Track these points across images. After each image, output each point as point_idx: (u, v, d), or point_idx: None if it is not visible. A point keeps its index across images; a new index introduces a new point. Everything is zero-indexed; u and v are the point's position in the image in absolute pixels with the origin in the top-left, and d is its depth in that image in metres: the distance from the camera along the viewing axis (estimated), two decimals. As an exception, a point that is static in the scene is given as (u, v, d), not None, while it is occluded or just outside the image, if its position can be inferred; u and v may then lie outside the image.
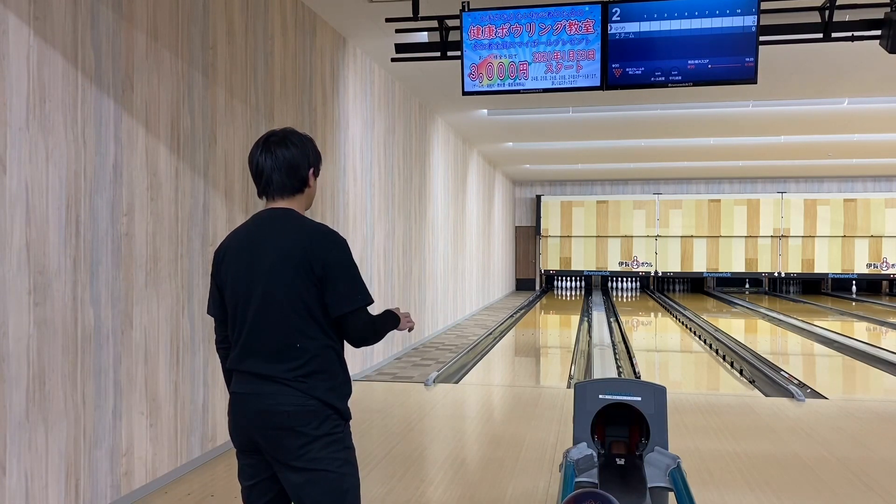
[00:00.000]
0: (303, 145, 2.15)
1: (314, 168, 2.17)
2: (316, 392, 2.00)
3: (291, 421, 1.98)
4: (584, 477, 2.81)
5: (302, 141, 2.15)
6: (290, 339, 2.01)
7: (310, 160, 2.16)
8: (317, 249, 2.01)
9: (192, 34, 4.26)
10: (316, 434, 1.99)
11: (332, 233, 2.09)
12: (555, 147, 14.03)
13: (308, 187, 2.17)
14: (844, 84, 8.86)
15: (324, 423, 2.01)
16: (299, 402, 1.99)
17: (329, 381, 2.03)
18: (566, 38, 5.11)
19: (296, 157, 2.12)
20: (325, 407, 2.01)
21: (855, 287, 19.83)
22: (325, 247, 2.02)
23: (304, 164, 2.14)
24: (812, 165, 16.94)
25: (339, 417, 2.05)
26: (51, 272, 3.18)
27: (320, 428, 2.00)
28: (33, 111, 3.09)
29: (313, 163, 2.17)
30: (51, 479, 3.19)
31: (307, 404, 1.99)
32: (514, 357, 9.55)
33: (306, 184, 2.15)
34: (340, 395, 2.07)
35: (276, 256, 2.02)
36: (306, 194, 2.17)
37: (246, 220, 2.22)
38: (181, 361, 4.16)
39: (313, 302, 2.00)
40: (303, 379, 2.00)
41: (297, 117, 5.72)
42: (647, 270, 19.84)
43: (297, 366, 2.00)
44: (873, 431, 5.26)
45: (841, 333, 11.05)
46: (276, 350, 2.02)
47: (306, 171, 2.14)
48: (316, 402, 2.00)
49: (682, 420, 5.37)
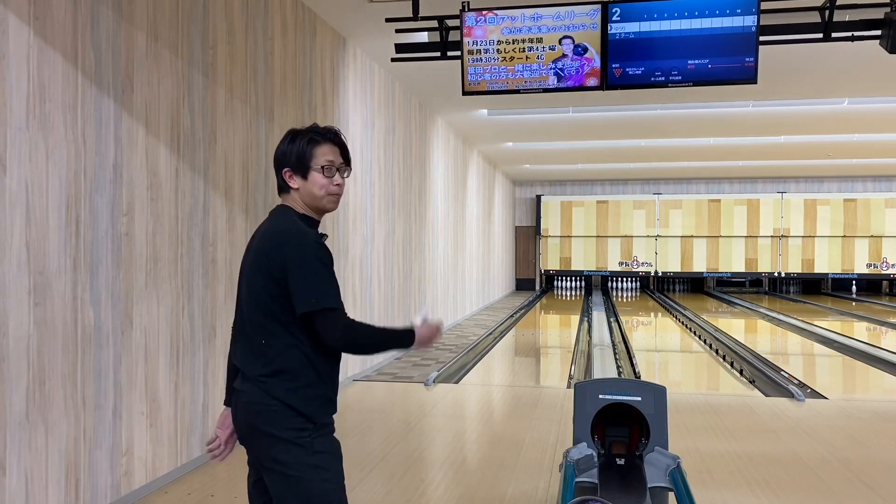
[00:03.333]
0: (282, 144, 2.11)
1: (291, 169, 2.08)
2: (275, 392, 1.97)
3: (257, 420, 1.99)
4: (584, 477, 2.81)
5: (283, 141, 2.11)
6: (257, 337, 2.02)
7: (284, 160, 2.09)
8: (273, 250, 1.98)
9: (192, 34, 4.26)
10: (279, 436, 1.96)
11: (290, 233, 2.00)
12: (555, 147, 14.03)
13: (292, 188, 2.09)
14: (844, 84, 8.86)
15: (287, 426, 1.96)
16: (263, 401, 1.98)
17: (290, 383, 1.97)
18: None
19: (276, 157, 2.12)
20: (286, 408, 1.96)
21: (855, 287, 19.83)
22: (279, 246, 1.98)
23: (280, 164, 2.10)
24: (812, 165, 16.94)
25: (305, 421, 1.97)
26: (51, 272, 3.18)
27: (284, 431, 1.96)
28: (33, 111, 3.09)
29: (289, 163, 2.08)
30: (51, 479, 3.19)
31: (269, 404, 1.97)
32: (514, 357, 9.55)
33: (284, 183, 2.10)
34: (304, 398, 1.98)
35: (252, 255, 2.07)
36: (298, 192, 2.09)
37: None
38: (181, 361, 4.16)
39: (275, 300, 1.98)
40: (264, 378, 1.99)
41: (297, 117, 5.72)
42: (647, 270, 19.84)
43: (262, 364, 2.00)
44: (873, 431, 5.26)
45: (841, 333, 11.05)
46: (249, 348, 2.05)
47: (280, 172, 2.09)
48: (277, 402, 1.96)
49: (682, 420, 5.37)
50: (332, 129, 2.13)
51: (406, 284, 8.92)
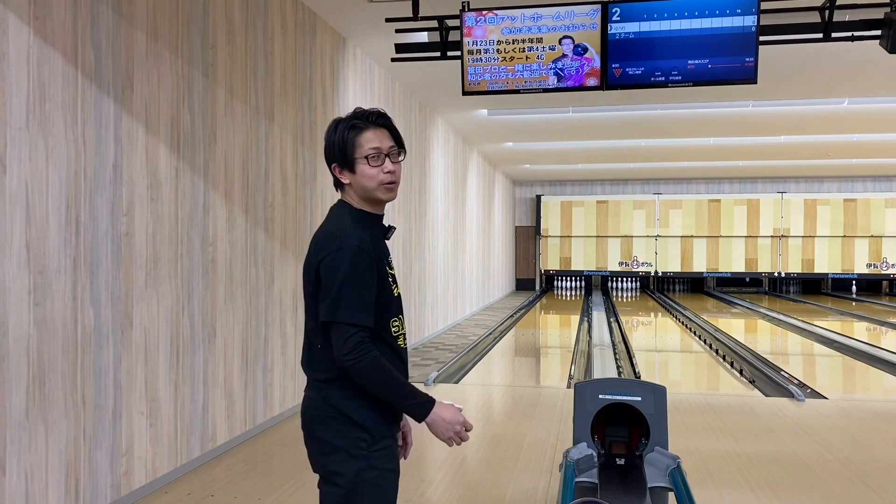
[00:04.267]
0: (328, 138, 1.96)
1: (337, 163, 1.94)
2: (332, 399, 1.87)
3: (314, 426, 1.91)
4: (584, 477, 2.81)
5: (328, 132, 1.96)
6: (315, 341, 1.93)
7: (331, 155, 1.95)
8: (316, 255, 1.88)
9: (192, 34, 4.26)
10: (335, 444, 1.85)
11: (332, 237, 1.87)
12: (555, 147, 14.03)
13: (344, 183, 1.95)
14: (844, 84, 8.86)
15: (343, 435, 1.85)
16: (320, 407, 1.89)
17: (347, 390, 1.85)
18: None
19: (325, 151, 1.97)
20: (342, 416, 1.85)
21: (855, 287, 19.83)
22: (319, 251, 1.88)
23: (328, 159, 1.96)
24: (812, 165, 16.94)
25: (362, 432, 1.85)
26: (51, 272, 3.18)
27: (339, 440, 1.85)
28: (33, 111, 3.09)
29: (335, 157, 1.93)
30: (51, 479, 3.19)
31: (326, 410, 1.87)
32: (514, 357, 9.55)
33: (336, 180, 1.96)
34: (361, 407, 1.85)
35: (307, 258, 1.95)
36: (351, 187, 1.94)
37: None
38: (181, 361, 4.16)
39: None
40: (321, 384, 1.90)
41: (297, 117, 5.72)
42: (647, 270, 19.84)
43: (320, 368, 1.91)
44: (873, 431, 5.26)
45: (841, 333, 11.05)
46: (309, 352, 1.97)
47: (330, 168, 1.97)
48: (333, 409, 1.86)
49: (682, 420, 5.38)
50: (376, 111, 1.94)
51: (406, 284, 8.92)
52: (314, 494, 1.99)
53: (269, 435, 5.04)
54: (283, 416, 5.43)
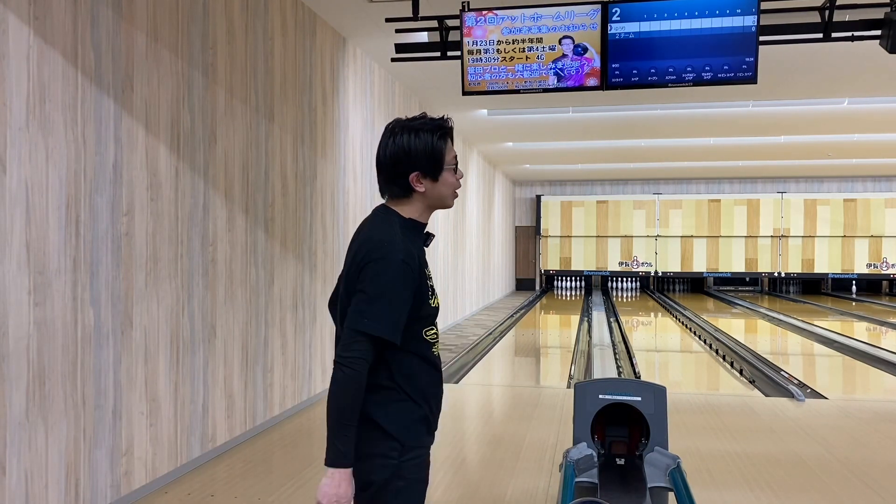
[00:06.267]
0: (401, 142, 1.83)
1: (421, 171, 1.83)
2: (364, 406, 1.78)
3: None
4: (584, 477, 2.81)
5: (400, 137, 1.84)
6: None
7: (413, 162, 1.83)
8: (362, 260, 1.79)
9: (192, 34, 4.26)
10: (365, 452, 1.78)
11: (380, 246, 1.79)
12: (555, 147, 14.03)
13: (416, 192, 1.85)
14: (844, 84, 8.86)
15: (373, 442, 1.78)
16: None
17: (377, 396, 1.79)
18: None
19: (393, 157, 1.84)
20: (371, 423, 1.78)
21: (855, 287, 19.83)
22: (367, 256, 1.79)
23: (406, 167, 1.83)
24: (812, 165, 16.94)
25: (392, 440, 1.79)
26: (51, 272, 3.18)
27: (369, 447, 1.78)
28: (33, 111, 3.09)
29: (419, 164, 1.83)
30: (51, 479, 3.19)
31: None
32: (514, 357, 9.55)
33: (407, 189, 1.85)
34: (391, 415, 1.79)
35: (349, 261, 1.87)
36: (423, 195, 1.86)
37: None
38: (181, 361, 4.16)
39: None
40: None
41: (297, 117, 5.72)
42: (647, 270, 19.84)
43: None
44: (873, 431, 5.26)
45: (841, 333, 11.05)
46: None
47: (405, 176, 1.83)
48: (363, 416, 1.78)
49: (682, 420, 5.38)
50: (448, 120, 1.91)
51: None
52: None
53: (270, 435, 5.04)
54: (283, 416, 5.43)
